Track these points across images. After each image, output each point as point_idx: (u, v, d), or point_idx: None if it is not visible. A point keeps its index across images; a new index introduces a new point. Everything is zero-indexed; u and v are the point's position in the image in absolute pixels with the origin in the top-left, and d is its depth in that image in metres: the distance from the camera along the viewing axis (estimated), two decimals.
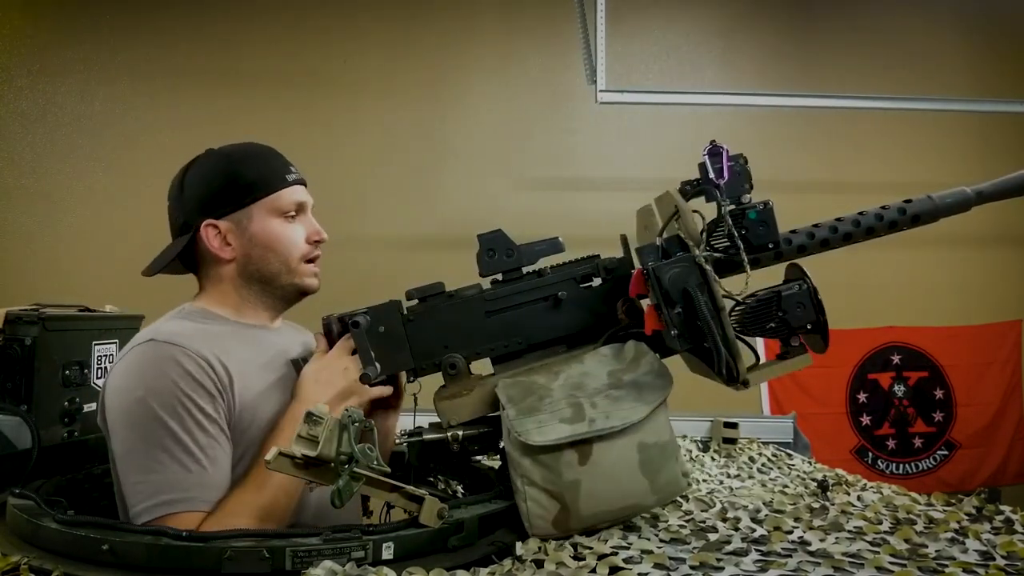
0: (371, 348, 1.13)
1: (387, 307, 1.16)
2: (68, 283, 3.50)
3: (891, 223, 1.12)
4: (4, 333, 1.32)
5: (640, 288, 1.09)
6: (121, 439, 1.08)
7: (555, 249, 1.17)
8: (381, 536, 0.88)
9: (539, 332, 1.17)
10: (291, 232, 1.22)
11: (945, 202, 1.13)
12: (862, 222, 1.11)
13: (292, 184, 1.23)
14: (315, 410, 0.87)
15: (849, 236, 1.11)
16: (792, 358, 1.04)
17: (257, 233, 1.20)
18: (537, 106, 4.05)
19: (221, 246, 1.20)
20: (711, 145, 1.05)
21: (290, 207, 1.22)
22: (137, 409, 1.06)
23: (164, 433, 1.05)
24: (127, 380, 1.09)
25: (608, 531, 0.99)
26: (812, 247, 1.11)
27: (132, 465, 1.06)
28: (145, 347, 1.10)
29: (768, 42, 4.20)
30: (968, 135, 4.20)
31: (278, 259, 1.21)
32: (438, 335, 1.16)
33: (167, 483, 1.04)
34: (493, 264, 1.16)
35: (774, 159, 3.91)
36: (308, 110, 3.88)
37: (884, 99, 3.50)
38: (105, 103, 3.84)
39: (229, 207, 1.19)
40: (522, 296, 1.16)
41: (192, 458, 1.05)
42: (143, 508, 1.03)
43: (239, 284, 1.22)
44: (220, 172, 1.21)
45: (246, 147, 1.26)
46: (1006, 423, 4.20)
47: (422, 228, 3.88)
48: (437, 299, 1.16)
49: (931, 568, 0.86)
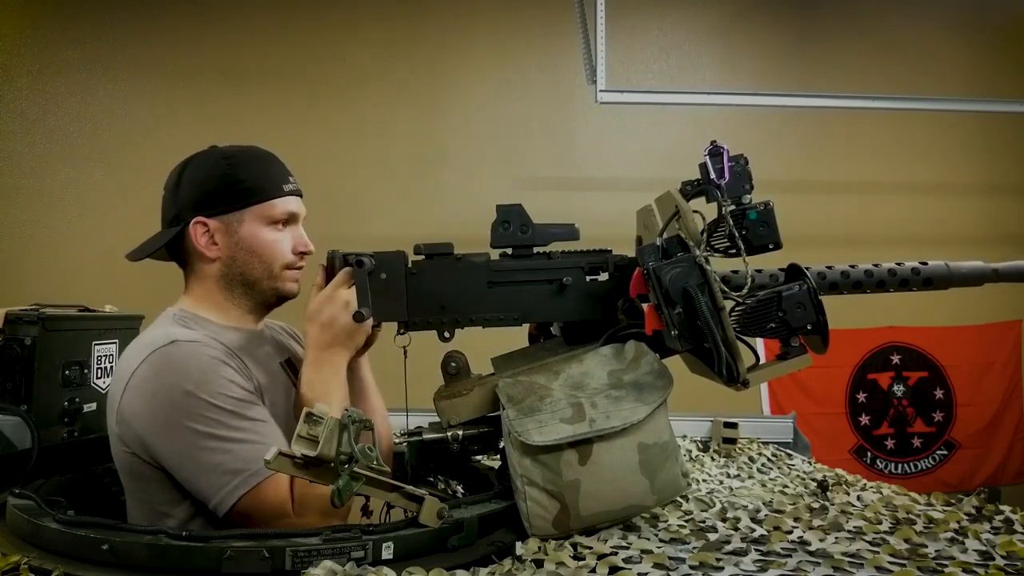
0: (369, 292, 1.13)
1: (393, 256, 1.16)
2: (68, 283, 3.50)
3: (902, 281, 1.13)
4: (4, 333, 1.32)
5: (640, 288, 1.09)
6: (174, 437, 1.07)
7: (570, 235, 1.17)
8: (381, 536, 0.88)
9: (537, 312, 1.17)
10: (278, 241, 1.24)
11: (960, 272, 1.14)
12: (875, 273, 1.12)
13: (287, 194, 1.25)
14: (315, 410, 0.87)
15: (859, 284, 1.12)
16: (792, 358, 1.04)
17: (245, 237, 1.21)
18: (537, 106, 4.05)
19: (208, 245, 1.22)
20: (711, 145, 1.05)
21: (281, 216, 1.24)
22: (188, 402, 1.06)
23: (226, 417, 1.07)
24: (163, 380, 1.09)
25: (608, 531, 0.99)
26: (822, 287, 1.11)
27: (201, 456, 1.05)
28: (171, 348, 1.11)
29: (768, 41, 4.20)
30: (968, 135, 4.20)
31: (262, 265, 1.23)
32: (437, 294, 1.16)
33: (242, 459, 1.05)
34: (506, 236, 1.16)
35: (774, 159, 3.92)
36: (308, 110, 3.88)
37: (884, 99, 3.50)
38: (105, 103, 3.83)
39: (222, 208, 1.21)
40: (527, 274, 1.17)
41: (254, 431, 1.08)
42: (227, 492, 1.04)
43: (222, 285, 1.24)
44: (219, 172, 1.22)
45: (248, 151, 1.27)
46: (1006, 423, 4.20)
47: (422, 228, 3.88)
48: (444, 259, 1.17)
49: (931, 568, 0.86)
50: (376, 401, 1.39)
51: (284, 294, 1.27)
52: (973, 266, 1.15)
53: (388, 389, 1.38)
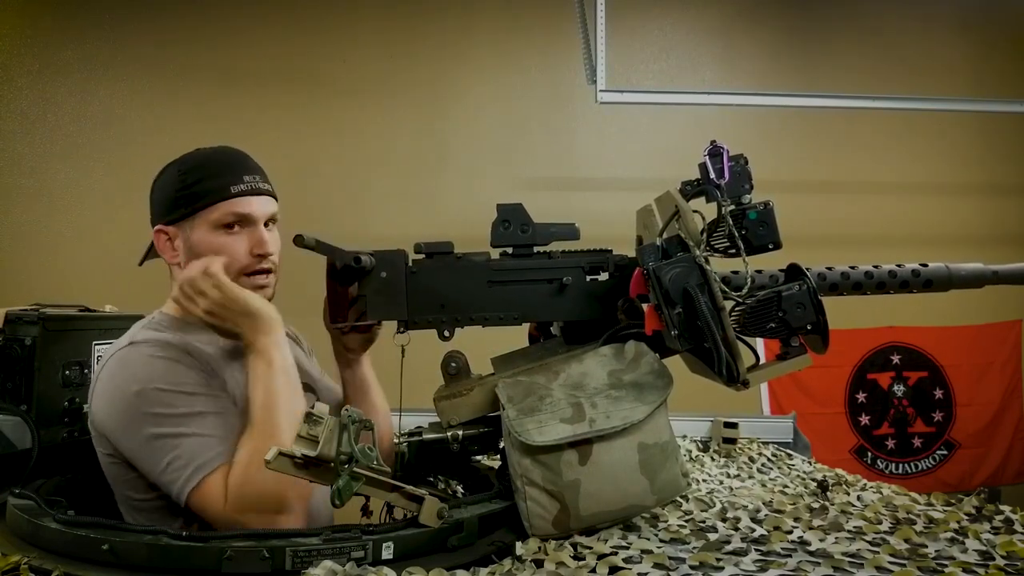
0: (369, 292, 1.13)
1: (393, 255, 1.16)
2: (68, 283, 3.50)
3: (903, 283, 1.13)
4: (4, 333, 1.32)
5: (640, 288, 1.09)
6: (132, 435, 1.09)
7: (570, 234, 1.17)
8: (381, 536, 0.88)
9: (537, 311, 1.17)
10: (227, 245, 1.20)
11: (960, 274, 1.14)
12: (875, 275, 1.12)
13: (238, 195, 1.21)
14: (315, 410, 0.87)
15: (859, 286, 1.12)
16: (792, 358, 1.04)
17: (196, 243, 1.21)
18: (537, 106, 4.05)
19: (170, 252, 1.23)
20: (711, 145, 1.05)
21: (226, 219, 1.20)
22: (138, 401, 1.09)
23: (171, 413, 1.08)
24: (117, 383, 1.12)
25: (608, 531, 0.99)
26: (823, 288, 1.11)
27: (156, 451, 1.08)
28: (126, 350, 1.14)
29: (768, 41, 4.20)
30: (968, 135, 4.20)
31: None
32: (437, 293, 1.16)
33: (196, 448, 1.07)
34: (506, 236, 1.16)
35: (774, 159, 3.92)
36: (308, 110, 3.88)
37: (884, 99, 3.49)
38: (105, 103, 3.83)
39: (177, 213, 1.22)
40: (528, 273, 1.17)
41: (205, 422, 1.09)
42: (179, 487, 1.06)
43: None
44: (172, 179, 1.23)
45: (206, 153, 1.26)
46: (1006, 423, 4.20)
47: (422, 228, 3.88)
48: (444, 258, 1.17)
49: (931, 568, 0.86)
50: (377, 399, 1.39)
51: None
52: (973, 268, 1.15)
53: (388, 389, 1.38)
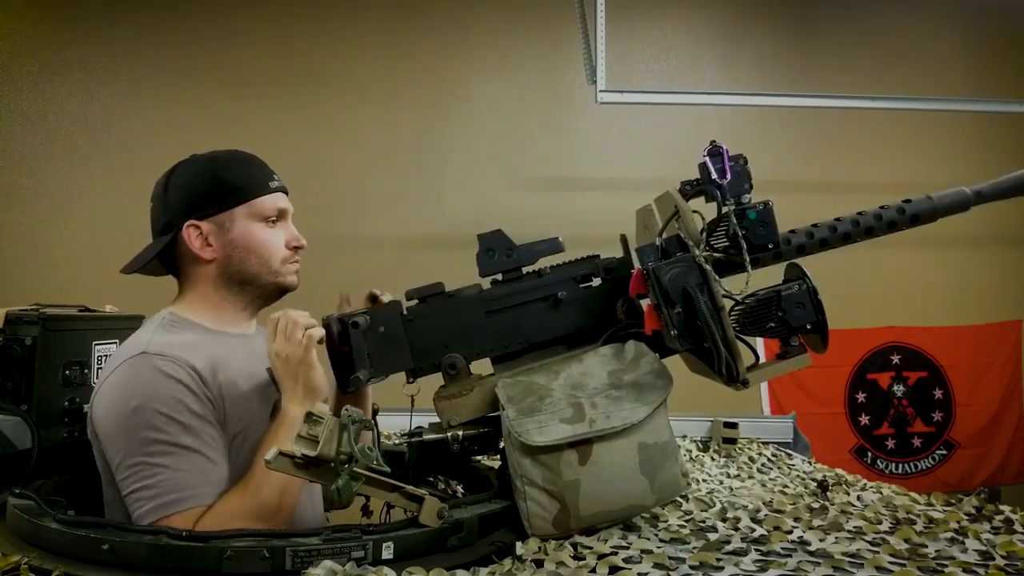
0: (370, 349, 1.13)
1: (387, 308, 1.16)
2: (68, 283, 3.49)
3: (890, 223, 1.12)
4: (4, 333, 1.32)
5: (640, 288, 1.09)
6: (118, 449, 1.09)
7: (555, 249, 1.17)
8: (381, 536, 0.88)
9: (539, 332, 1.17)
10: (272, 237, 1.25)
11: (944, 202, 1.14)
12: (861, 222, 1.11)
13: (274, 191, 1.26)
14: (315, 410, 0.88)
15: (848, 236, 1.11)
16: (792, 358, 1.04)
17: (238, 236, 1.22)
18: (537, 106, 4.05)
19: (202, 247, 1.22)
20: (711, 145, 1.05)
21: (271, 212, 1.25)
22: (133, 418, 1.08)
23: (161, 439, 1.07)
24: (121, 391, 1.10)
25: (608, 531, 0.99)
26: (811, 247, 1.11)
27: (132, 473, 1.07)
28: (138, 359, 1.12)
29: (768, 42, 4.20)
30: (968, 135, 4.20)
31: (259, 261, 1.24)
32: (438, 335, 1.16)
33: (168, 485, 1.05)
34: (493, 264, 1.16)
35: (774, 159, 3.91)
36: (308, 111, 3.88)
37: (884, 99, 3.50)
38: (105, 103, 3.83)
39: (213, 209, 1.22)
40: (522, 296, 1.17)
41: (188, 459, 1.07)
42: (146, 511, 1.04)
43: (219, 285, 1.25)
44: (206, 175, 1.23)
45: (231, 153, 1.28)
46: (1006, 423, 4.20)
47: (423, 228, 3.88)
48: (437, 299, 1.17)
49: (931, 568, 0.86)
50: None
51: (287, 287, 1.28)
52: (955, 192, 1.14)
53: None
